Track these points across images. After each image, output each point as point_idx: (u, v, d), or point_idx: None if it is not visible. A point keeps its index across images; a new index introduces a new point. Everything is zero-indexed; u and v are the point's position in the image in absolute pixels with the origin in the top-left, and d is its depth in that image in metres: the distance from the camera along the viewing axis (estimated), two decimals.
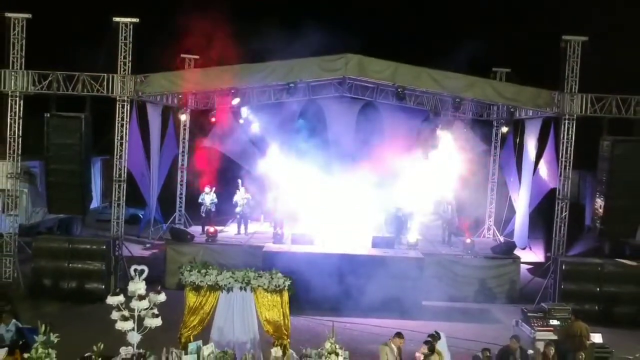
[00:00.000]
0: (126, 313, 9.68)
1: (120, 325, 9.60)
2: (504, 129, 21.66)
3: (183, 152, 23.21)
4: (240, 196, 19.99)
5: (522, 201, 20.77)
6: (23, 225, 19.41)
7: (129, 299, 9.95)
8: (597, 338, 11.93)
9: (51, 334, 9.13)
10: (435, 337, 10.14)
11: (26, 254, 17.72)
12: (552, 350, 10.70)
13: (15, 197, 17.39)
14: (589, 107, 16.92)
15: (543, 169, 19.57)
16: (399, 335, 10.26)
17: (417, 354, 10.14)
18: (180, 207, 23.18)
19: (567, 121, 17.00)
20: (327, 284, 15.03)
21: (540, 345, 11.22)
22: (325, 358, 9.07)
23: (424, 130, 22.96)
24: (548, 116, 18.38)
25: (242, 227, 19.93)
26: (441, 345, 10.08)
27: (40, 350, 9.01)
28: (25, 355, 9.26)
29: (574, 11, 23.12)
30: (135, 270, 9.93)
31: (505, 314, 15.95)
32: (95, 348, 9.29)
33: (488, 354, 10.36)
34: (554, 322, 12.07)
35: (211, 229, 18.22)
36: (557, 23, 21.71)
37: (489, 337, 13.46)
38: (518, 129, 21.44)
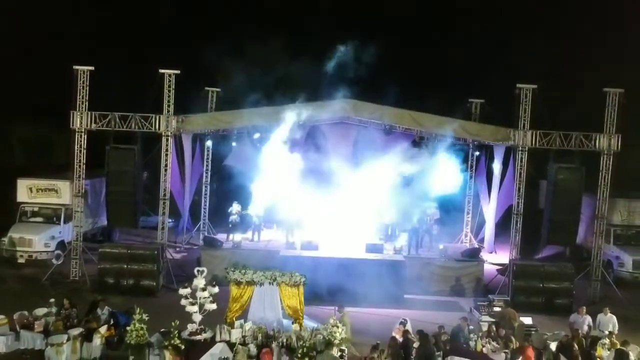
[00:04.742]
0: (191, 300, 14.04)
1: (189, 309, 13.97)
2: (477, 152, 26.12)
3: (207, 170, 27.48)
4: (253, 209, 23.83)
5: (489, 213, 25.04)
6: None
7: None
8: (527, 320, 16.15)
9: (143, 314, 13.48)
10: (404, 322, 14.46)
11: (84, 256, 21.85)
12: (493, 329, 14.95)
13: (80, 212, 21.66)
14: (538, 141, 20.92)
15: (505, 187, 23.79)
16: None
17: (394, 333, 14.42)
18: (205, 217, 27.37)
19: (520, 152, 21.10)
20: (329, 281, 18.83)
21: (484, 325, 15.52)
22: (330, 329, 13.38)
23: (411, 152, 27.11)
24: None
25: (256, 234, 23.82)
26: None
27: (137, 325, 13.35)
28: (127, 328, 13.54)
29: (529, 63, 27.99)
30: (197, 270, 14.30)
31: (470, 305, 19.66)
32: (173, 324, 13.61)
33: (443, 330, 14.58)
34: (496, 309, 16.37)
35: (237, 239, 22.34)
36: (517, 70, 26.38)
37: (454, 322, 16.51)
38: (488, 152, 25.74)
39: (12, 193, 24.85)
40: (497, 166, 24.32)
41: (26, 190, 23.92)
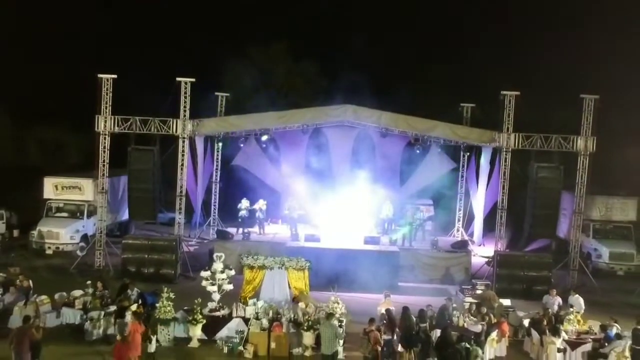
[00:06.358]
0: (211, 281, 16.14)
1: (209, 289, 16.07)
2: (467, 153, 28.15)
3: (217, 169, 29.46)
4: (258, 205, 25.66)
5: (478, 209, 27.09)
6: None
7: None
8: (506, 302, 18.18)
9: (171, 294, 15.57)
10: (388, 295, 16.50)
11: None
12: (473, 307, 17.05)
13: (104, 208, 23.72)
14: (520, 143, 22.93)
15: (492, 185, 25.79)
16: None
17: (379, 307, 16.47)
18: (215, 212, 29.34)
19: (504, 153, 23.12)
20: (330, 270, 20.59)
21: (467, 305, 17.59)
22: (331, 305, 15.47)
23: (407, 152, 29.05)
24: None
25: (261, 228, 25.74)
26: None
27: (165, 302, 15.44)
28: (157, 305, 15.64)
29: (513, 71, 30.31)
30: (216, 256, 16.40)
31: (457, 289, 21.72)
32: (196, 302, 15.71)
33: (430, 308, 16.63)
34: (478, 291, 18.43)
35: (246, 232, 24.41)
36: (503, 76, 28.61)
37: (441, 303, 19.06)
38: (477, 152, 27.74)
39: (33, 191, 26.99)
40: (484, 166, 26.32)
41: (52, 188, 25.97)
